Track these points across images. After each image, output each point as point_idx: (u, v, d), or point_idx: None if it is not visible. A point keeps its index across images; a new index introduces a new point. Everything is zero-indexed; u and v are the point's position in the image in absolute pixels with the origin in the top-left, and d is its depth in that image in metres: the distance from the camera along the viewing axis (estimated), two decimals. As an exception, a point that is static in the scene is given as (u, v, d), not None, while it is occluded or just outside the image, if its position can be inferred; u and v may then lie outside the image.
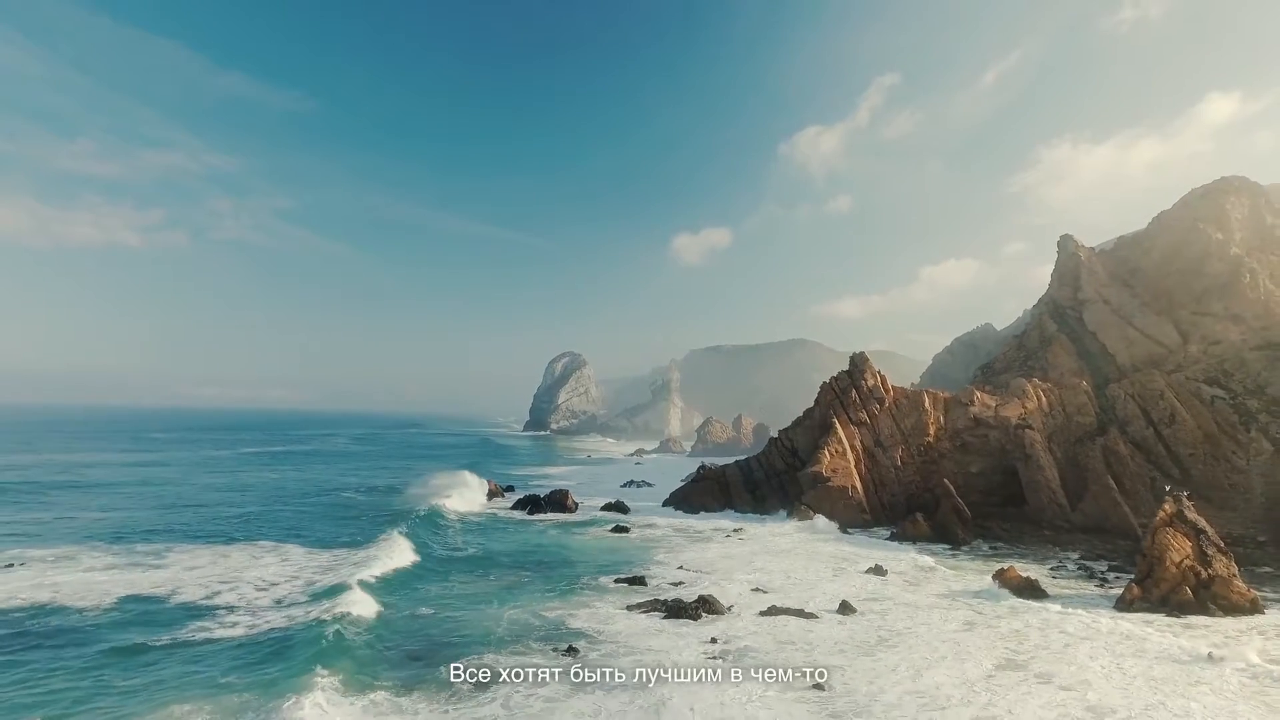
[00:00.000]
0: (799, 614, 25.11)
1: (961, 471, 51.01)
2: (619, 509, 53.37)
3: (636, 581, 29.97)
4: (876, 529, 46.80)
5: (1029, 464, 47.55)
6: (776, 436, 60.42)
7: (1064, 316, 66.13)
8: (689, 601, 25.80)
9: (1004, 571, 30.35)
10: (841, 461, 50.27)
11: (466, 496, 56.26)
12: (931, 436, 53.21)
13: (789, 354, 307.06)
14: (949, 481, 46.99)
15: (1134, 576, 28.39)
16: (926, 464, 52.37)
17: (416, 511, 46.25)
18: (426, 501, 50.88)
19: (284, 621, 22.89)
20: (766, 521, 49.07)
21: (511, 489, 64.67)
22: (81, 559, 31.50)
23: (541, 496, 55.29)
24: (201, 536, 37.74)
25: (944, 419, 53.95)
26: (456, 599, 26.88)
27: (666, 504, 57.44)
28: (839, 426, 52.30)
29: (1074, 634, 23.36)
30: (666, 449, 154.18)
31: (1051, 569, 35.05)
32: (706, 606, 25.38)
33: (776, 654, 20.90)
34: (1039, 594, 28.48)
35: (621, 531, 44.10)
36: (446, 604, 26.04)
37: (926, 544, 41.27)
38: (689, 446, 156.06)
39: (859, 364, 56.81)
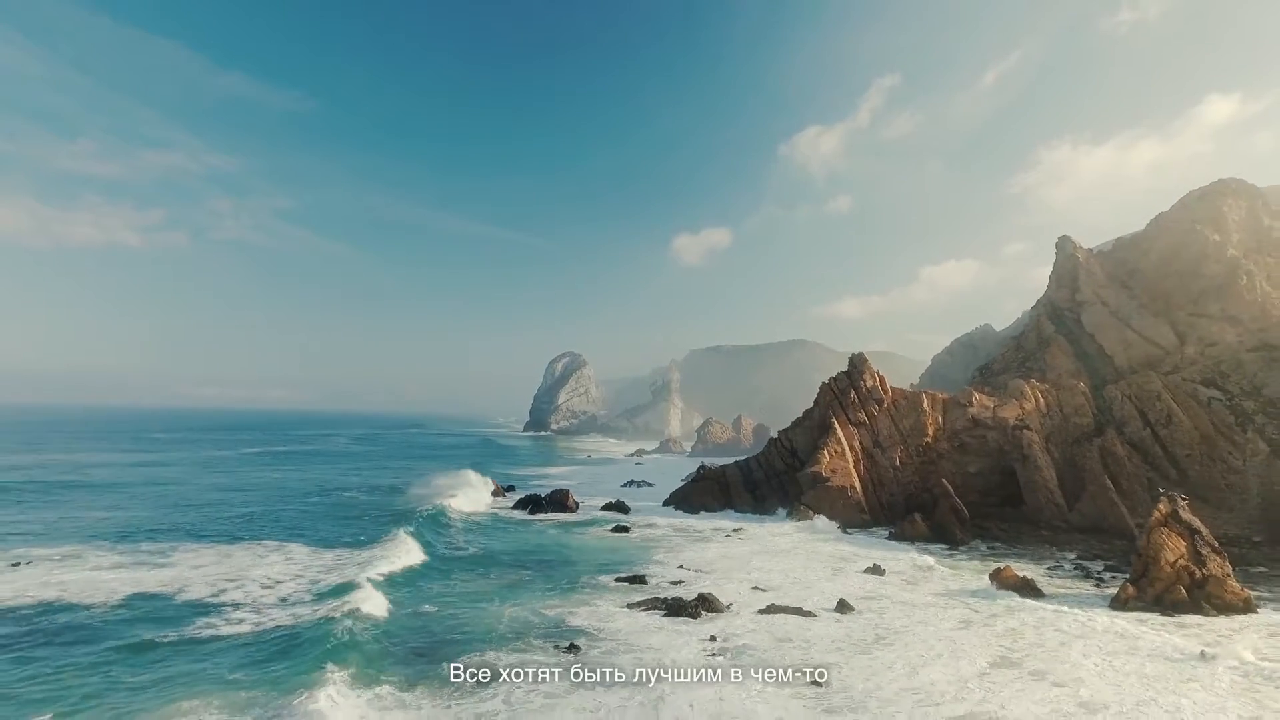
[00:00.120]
0: (797, 612, 25.40)
1: (960, 472, 51.34)
2: (619, 509, 53.67)
3: (637, 580, 30.26)
4: (875, 529, 47.09)
5: (1027, 464, 47.88)
6: (776, 437, 60.72)
7: (1062, 318, 66.39)
8: (689, 600, 26.08)
9: (1000, 571, 30.65)
10: (840, 462, 50.58)
11: (471, 496, 56.62)
12: (930, 437, 53.50)
13: (789, 354, 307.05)
14: (947, 482, 47.33)
15: (1129, 576, 28.70)
16: (925, 464, 52.66)
17: (422, 511, 46.53)
18: (431, 501, 51.14)
19: (290, 619, 23.20)
20: (766, 521, 49.39)
21: (512, 489, 64.99)
22: (87, 557, 31.79)
23: (542, 496, 55.56)
24: (205, 536, 38.04)
25: (942, 420, 54.25)
26: (459, 597, 27.19)
27: (666, 504, 57.74)
28: (838, 427, 52.61)
29: (1069, 632, 23.66)
30: (666, 449, 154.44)
31: (1048, 569, 35.35)
32: (706, 605, 25.66)
33: (775, 651, 21.19)
34: (1035, 593, 28.77)
35: (622, 531, 44.40)
36: (449, 602, 26.34)
37: (925, 544, 41.57)
38: (689, 447, 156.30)
39: (858, 365, 57.14)
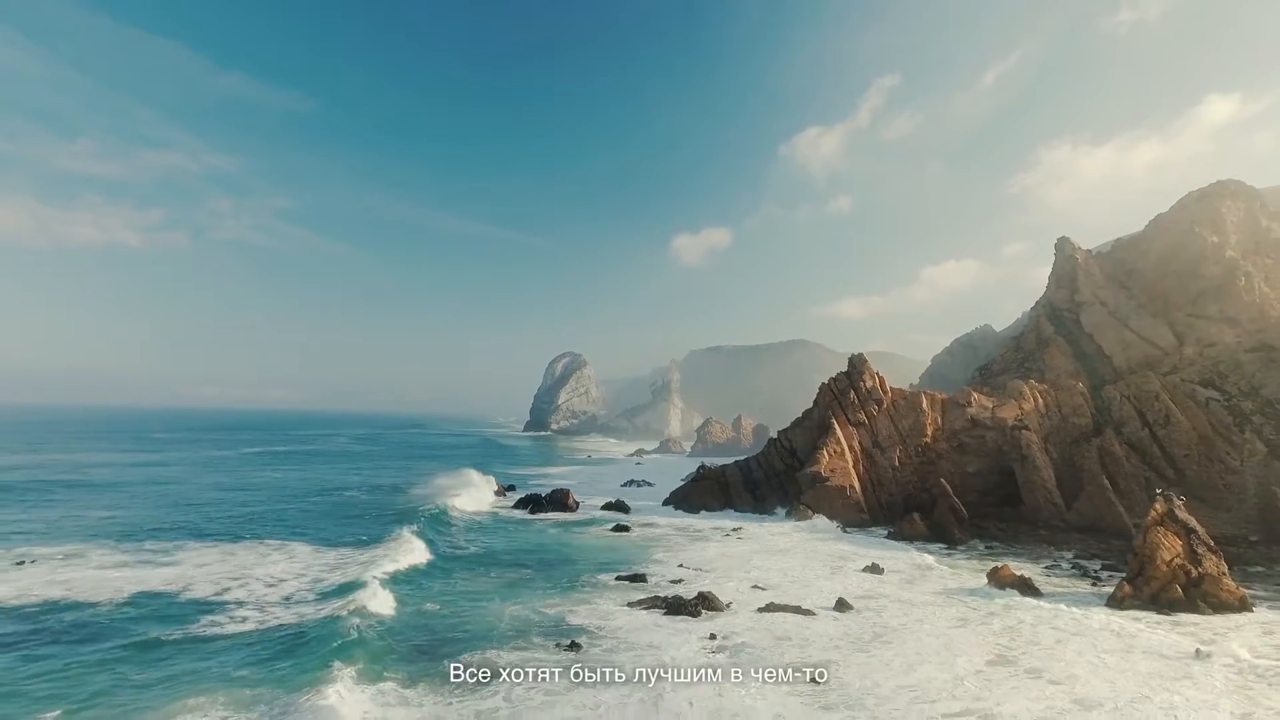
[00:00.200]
0: (796, 611, 25.59)
1: (958, 472, 51.56)
2: (619, 508, 53.89)
3: (637, 579, 30.46)
4: (874, 528, 47.30)
5: (1025, 464, 48.11)
6: (776, 437, 60.93)
7: (1061, 318, 66.61)
8: (688, 598, 26.27)
9: (998, 570, 30.84)
10: (840, 462, 50.80)
11: (475, 495, 56.89)
12: (929, 437, 53.72)
13: (789, 355, 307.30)
14: (946, 482, 47.55)
15: (1125, 575, 28.92)
16: (924, 464, 52.88)
17: (425, 510, 46.79)
18: (434, 501, 51.46)
19: (294, 618, 23.43)
20: (765, 521, 49.60)
21: (513, 489, 65.22)
22: (91, 556, 32.01)
23: (543, 496, 55.78)
24: (208, 535, 38.25)
25: (941, 420, 54.47)
26: (460, 596, 27.40)
27: (666, 503, 57.94)
28: (837, 427, 52.82)
29: (1065, 630, 23.85)
30: (666, 449, 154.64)
31: (1046, 567, 35.59)
32: (705, 603, 25.86)
33: (773, 649, 21.40)
34: (1032, 592, 28.97)
35: (622, 530, 44.61)
36: (451, 600, 26.56)
37: (923, 543, 41.78)
38: (689, 447, 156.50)
39: (857, 365, 57.35)
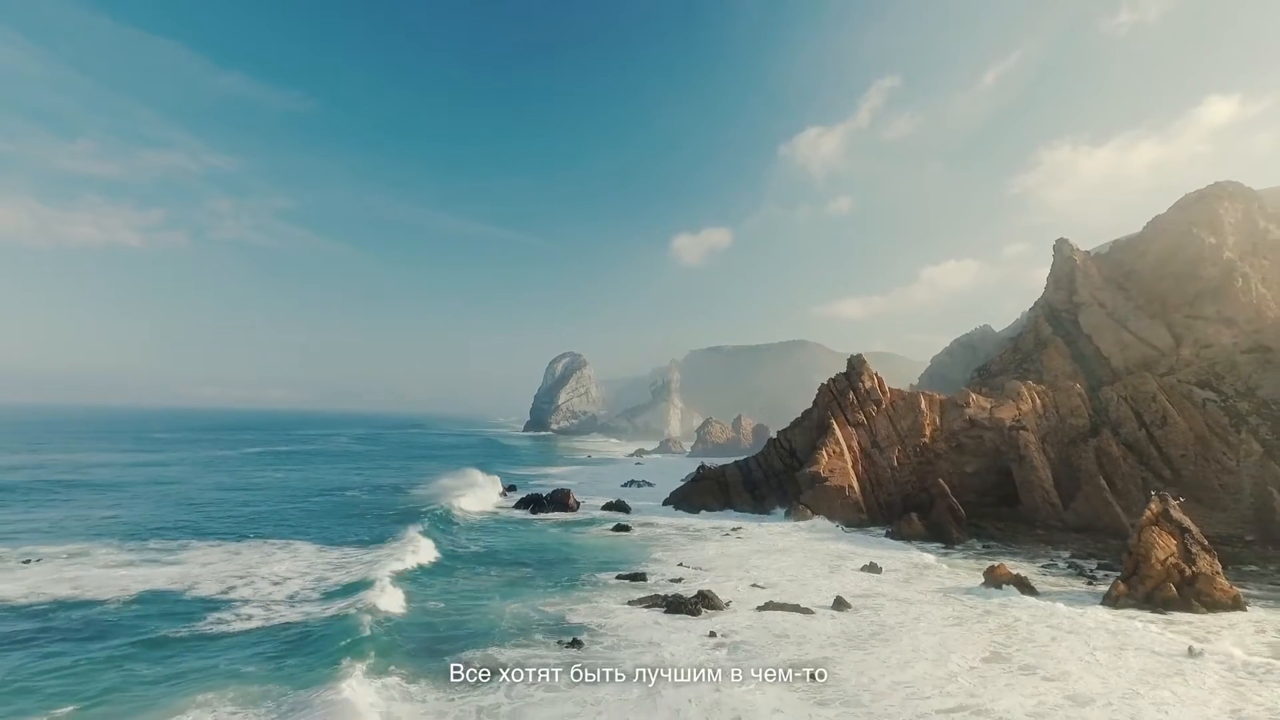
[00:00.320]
0: (795, 609, 25.88)
1: (957, 472, 51.87)
2: (620, 508, 54.18)
3: (637, 578, 30.74)
4: (873, 528, 47.58)
5: (1023, 465, 48.41)
6: (775, 437, 61.23)
7: (1059, 319, 66.90)
8: (688, 597, 26.56)
9: (995, 569, 31.11)
10: (839, 462, 51.11)
11: (479, 495, 57.24)
12: (927, 437, 54.01)
13: (789, 355, 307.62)
14: (944, 482, 47.83)
15: (1120, 574, 29.23)
16: (922, 464, 53.19)
17: (430, 510, 47.15)
18: (438, 500, 51.89)
19: (300, 616, 23.73)
20: (765, 521, 49.91)
21: (514, 489, 65.52)
22: (96, 555, 32.32)
23: (543, 496, 56.05)
24: (211, 534, 38.54)
25: (940, 420, 54.77)
26: (463, 594, 27.71)
27: (666, 503, 58.22)
28: (836, 427, 53.14)
29: (1059, 628, 24.15)
30: (666, 449, 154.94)
31: (1042, 567, 35.90)
32: (705, 602, 26.15)
33: (772, 647, 21.71)
34: (1029, 590, 29.25)
35: (622, 530, 44.89)
36: (453, 599, 26.87)
37: (922, 543, 42.07)
38: (689, 447, 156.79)
39: (856, 366, 57.66)
